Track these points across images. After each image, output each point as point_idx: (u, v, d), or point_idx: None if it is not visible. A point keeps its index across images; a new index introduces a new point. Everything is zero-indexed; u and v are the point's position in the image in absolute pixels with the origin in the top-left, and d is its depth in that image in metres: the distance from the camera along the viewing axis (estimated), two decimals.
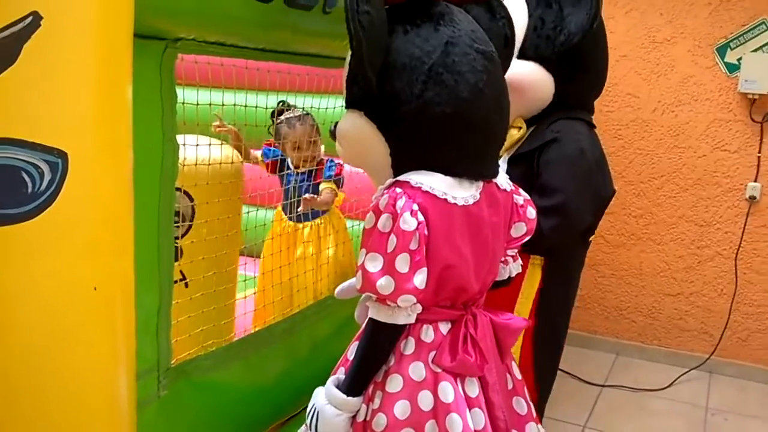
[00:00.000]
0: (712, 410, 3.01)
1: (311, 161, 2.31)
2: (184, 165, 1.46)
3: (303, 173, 2.29)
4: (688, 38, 3.21)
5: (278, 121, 2.31)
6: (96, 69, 0.84)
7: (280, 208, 2.42)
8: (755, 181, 3.17)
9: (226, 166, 1.87)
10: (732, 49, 3.15)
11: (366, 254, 1.22)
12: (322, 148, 2.41)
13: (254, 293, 2.23)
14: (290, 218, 2.35)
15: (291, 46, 1.53)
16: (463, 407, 1.27)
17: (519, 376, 1.47)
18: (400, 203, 1.19)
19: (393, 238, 1.19)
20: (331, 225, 2.38)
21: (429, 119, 1.22)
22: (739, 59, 3.11)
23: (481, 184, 1.31)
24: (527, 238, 1.46)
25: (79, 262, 0.84)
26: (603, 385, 3.18)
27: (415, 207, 1.19)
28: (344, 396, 1.28)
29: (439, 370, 1.28)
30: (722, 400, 3.10)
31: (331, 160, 2.36)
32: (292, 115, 2.29)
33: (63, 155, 0.79)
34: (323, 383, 1.35)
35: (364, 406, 1.30)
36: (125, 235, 0.93)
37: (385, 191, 1.23)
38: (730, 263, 3.25)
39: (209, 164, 1.79)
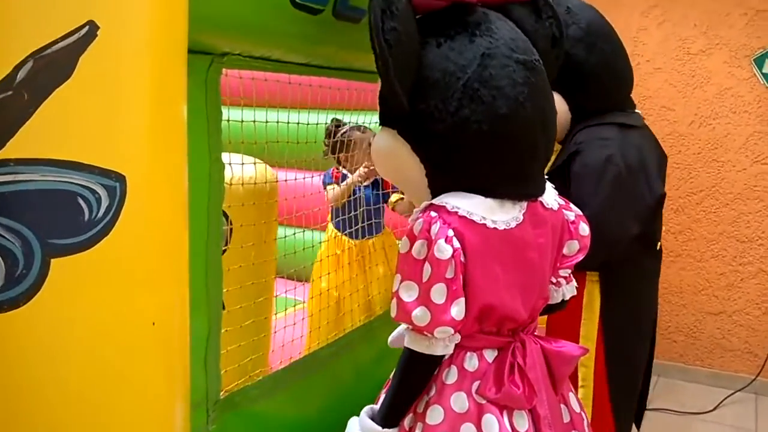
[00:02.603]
0: None
1: (368, 164, 2.27)
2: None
3: (367, 187, 2.25)
4: (723, 49, 3.14)
5: (342, 131, 2.27)
6: (152, 84, 0.77)
7: (333, 228, 2.37)
8: None
9: (262, 185, 1.80)
10: None
11: (401, 282, 1.14)
12: None
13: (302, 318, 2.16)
14: (350, 234, 2.29)
15: (337, 60, 1.46)
16: None
17: (577, 409, 1.37)
18: (434, 229, 1.11)
19: (428, 267, 1.11)
20: (387, 240, 2.38)
21: (465, 138, 1.13)
22: None
23: (524, 204, 1.21)
24: (581, 257, 1.37)
25: (138, 295, 0.76)
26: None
27: (451, 233, 1.10)
28: (379, 428, 1.21)
29: (483, 402, 1.19)
30: None
31: None
32: (352, 125, 2.28)
33: (121, 178, 0.72)
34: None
35: None
36: (182, 264, 0.85)
37: (420, 215, 1.15)
38: None
39: (242, 183, 1.71)
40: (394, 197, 2.36)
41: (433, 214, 1.13)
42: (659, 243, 1.91)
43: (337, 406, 1.68)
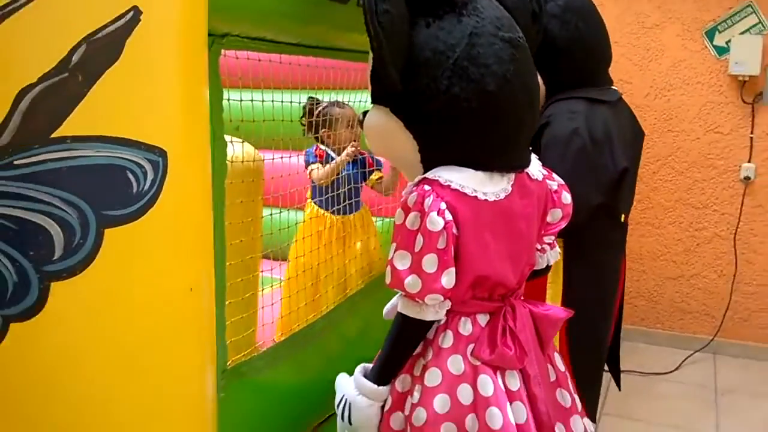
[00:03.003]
0: (721, 390, 3.06)
1: (358, 144, 2.31)
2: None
3: (352, 164, 2.29)
4: (676, 23, 3.27)
5: (324, 107, 2.31)
6: (185, 66, 0.81)
7: (314, 206, 2.40)
8: (749, 161, 3.24)
9: (249, 164, 1.83)
10: (720, 32, 3.21)
11: (395, 251, 1.22)
12: None
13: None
14: (334, 211, 2.34)
15: (326, 40, 1.51)
16: (503, 401, 1.25)
17: (562, 368, 1.46)
18: (428, 202, 1.18)
19: (420, 238, 1.18)
20: (365, 217, 2.46)
21: (456, 115, 1.20)
22: (727, 42, 3.18)
23: (512, 176, 1.29)
24: (564, 224, 1.46)
25: (178, 262, 0.81)
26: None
27: (443, 206, 1.17)
28: (374, 386, 1.28)
29: (478, 363, 1.26)
30: (729, 380, 3.16)
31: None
32: (329, 102, 2.31)
33: (163, 153, 0.76)
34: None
35: (408, 398, 1.30)
36: (209, 235, 0.91)
37: (414, 188, 1.22)
38: (729, 244, 3.32)
39: (231, 161, 1.74)
40: (375, 176, 2.41)
41: (426, 187, 1.19)
42: (624, 216, 2.01)
43: (333, 371, 1.77)
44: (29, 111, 0.67)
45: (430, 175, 1.22)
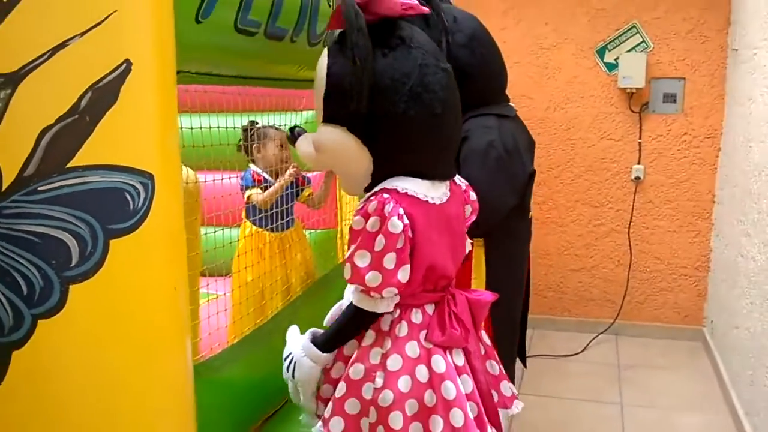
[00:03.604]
0: (623, 366, 3.42)
1: (287, 163, 2.47)
2: None
3: (287, 186, 2.45)
4: (571, 43, 3.62)
5: (259, 128, 2.46)
6: (163, 103, 0.99)
7: (251, 224, 2.55)
8: (638, 163, 3.62)
9: (186, 186, 1.99)
10: (609, 51, 3.59)
11: (355, 250, 1.38)
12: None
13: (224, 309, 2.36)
14: (272, 229, 2.49)
15: (264, 71, 1.69)
16: (454, 375, 1.46)
17: (489, 343, 1.71)
18: (388, 208, 1.36)
19: (381, 239, 1.35)
20: (299, 231, 2.62)
21: (410, 133, 1.40)
22: (616, 59, 3.55)
23: (448, 183, 1.53)
24: (474, 217, 1.70)
25: (165, 265, 0.98)
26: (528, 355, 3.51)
27: (401, 211, 1.36)
28: (319, 352, 1.47)
29: (430, 346, 1.46)
30: (630, 356, 3.53)
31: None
32: (265, 125, 2.48)
33: (151, 177, 0.94)
34: None
35: (367, 384, 1.48)
36: (184, 243, 1.08)
37: (373, 197, 1.40)
38: (624, 237, 3.69)
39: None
40: (306, 191, 2.60)
41: (385, 195, 1.38)
42: (530, 212, 2.30)
43: (280, 370, 1.94)
44: (48, 146, 0.84)
45: (386, 185, 1.42)
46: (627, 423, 2.87)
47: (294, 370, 1.47)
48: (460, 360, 1.51)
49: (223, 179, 2.13)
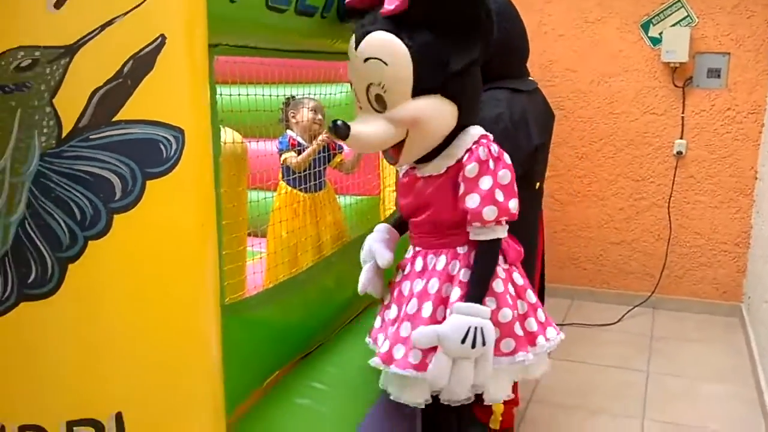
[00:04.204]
0: (656, 338, 3.50)
1: (320, 127, 2.70)
2: None
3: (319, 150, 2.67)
4: (615, 17, 3.67)
5: (295, 101, 2.70)
6: (192, 70, 1.19)
7: (285, 185, 2.79)
8: (681, 138, 3.65)
9: (235, 145, 2.21)
10: (654, 25, 3.62)
11: (489, 191, 1.62)
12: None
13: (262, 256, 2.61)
14: (304, 189, 2.73)
15: (297, 45, 1.89)
16: (528, 284, 1.83)
17: None
18: (494, 148, 1.66)
19: (506, 172, 1.65)
20: (330, 194, 2.85)
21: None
22: (660, 33, 3.58)
23: None
24: None
25: (194, 203, 1.20)
26: (562, 324, 3.64)
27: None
28: (485, 307, 1.63)
29: (506, 266, 1.76)
30: (664, 329, 3.60)
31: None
32: (309, 100, 2.72)
33: (181, 131, 1.14)
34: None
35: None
36: (212, 187, 1.29)
37: (475, 146, 1.66)
38: (664, 211, 3.74)
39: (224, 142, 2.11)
40: (337, 158, 2.81)
41: (484, 141, 1.68)
42: (538, 183, 2.41)
43: (312, 316, 2.16)
44: (98, 104, 1.05)
45: (474, 133, 1.70)
46: (651, 389, 2.97)
47: (483, 337, 1.60)
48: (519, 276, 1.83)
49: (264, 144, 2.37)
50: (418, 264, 1.78)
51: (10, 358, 1.08)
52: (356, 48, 1.61)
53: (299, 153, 2.67)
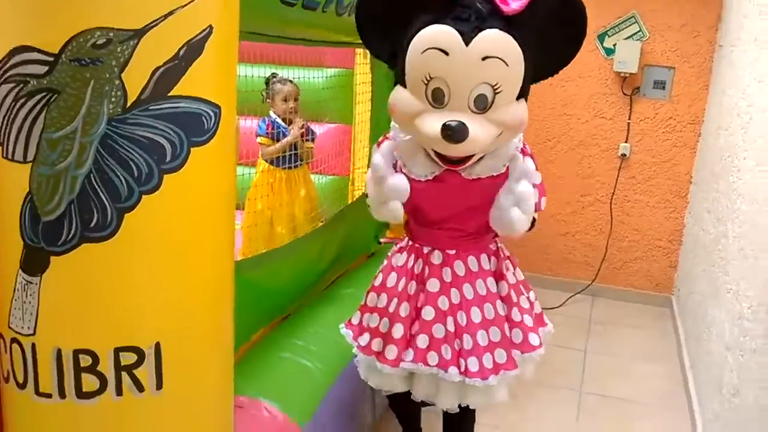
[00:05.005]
0: (594, 322, 3.84)
1: (294, 114, 2.92)
2: None
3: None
4: None
5: (273, 81, 2.91)
6: (229, 56, 1.40)
7: (265, 162, 3.00)
8: (626, 142, 3.99)
9: None
10: (609, 37, 3.93)
11: (540, 184, 1.77)
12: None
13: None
14: (286, 167, 2.95)
15: (302, 34, 2.11)
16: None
17: None
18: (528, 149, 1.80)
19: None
20: (305, 172, 3.08)
21: None
22: (614, 45, 3.89)
23: None
24: None
25: (224, 167, 1.40)
26: None
27: None
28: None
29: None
30: (602, 314, 3.95)
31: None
32: (281, 77, 2.91)
33: (219, 107, 1.34)
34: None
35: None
36: (235, 156, 1.50)
37: (521, 145, 1.78)
38: (607, 208, 4.08)
39: None
40: (308, 144, 3.07)
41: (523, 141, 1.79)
42: None
43: (298, 282, 2.38)
44: (158, 80, 1.24)
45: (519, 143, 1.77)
46: (588, 366, 3.30)
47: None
48: None
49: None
50: (459, 268, 1.79)
51: (69, 291, 1.27)
52: (467, 44, 1.50)
53: (275, 138, 2.90)
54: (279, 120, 2.96)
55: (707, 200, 3.27)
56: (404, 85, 1.62)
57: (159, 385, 1.32)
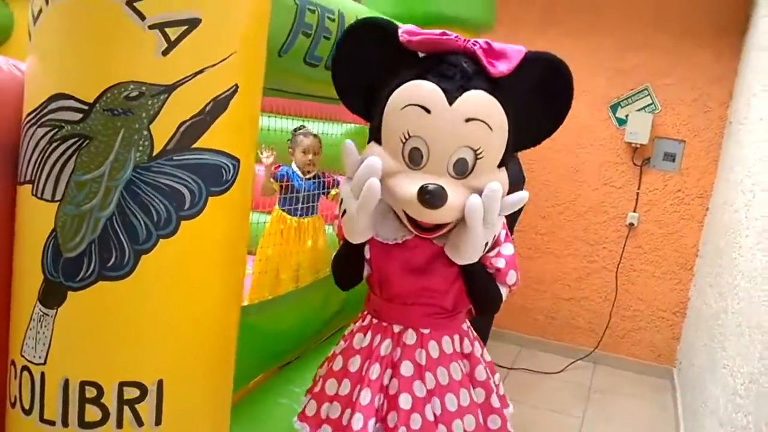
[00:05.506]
0: (594, 389, 3.83)
1: (313, 167, 3.02)
2: None
3: (314, 182, 2.99)
4: (588, 96, 4.08)
5: (297, 133, 3.03)
6: (252, 113, 1.49)
7: (279, 210, 3.10)
8: (634, 211, 4.05)
9: None
10: (622, 107, 4.03)
11: (510, 255, 1.60)
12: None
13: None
14: (297, 216, 3.05)
15: (309, 90, 2.22)
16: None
17: None
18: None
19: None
20: (318, 222, 3.16)
21: None
22: (626, 116, 3.99)
23: None
24: None
25: (239, 221, 1.48)
26: (510, 368, 3.95)
27: None
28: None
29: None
30: (602, 382, 3.94)
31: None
32: (306, 131, 3.04)
33: (238, 160, 1.43)
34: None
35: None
36: (249, 206, 1.58)
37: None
38: (612, 275, 4.11)
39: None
40: (334, 191, 3.13)
41: None
42: None
43: (300, 330, 2.43)
44: (183, 133, 1.33)
45: None
46: None
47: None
48: None
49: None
50: (433, 350, 1.60)
51: (81, 325, 1.34)
52: (450, 103, 1.39)
53: (286, 189, 3.01)
54: (297, 170, 3.07)
55: (711, 274, 3.31)
56: (379, 142, 1.50)
57: (158, 421, 1.37)
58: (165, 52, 1.30)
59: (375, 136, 1.53)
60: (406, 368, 1.57)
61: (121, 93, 1.30)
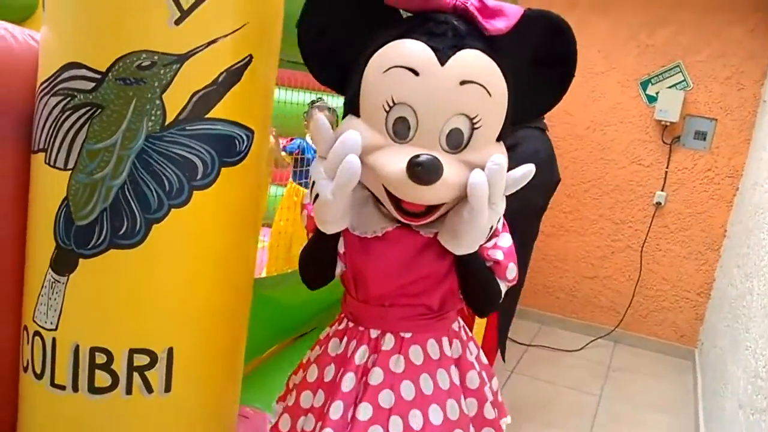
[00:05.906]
0: (613, 368, 3.81)
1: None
2: None
3: None
4: (618, 72, 3.99)
5: (313, 106, 3.03)
6: (266, 84, 1.48)
7: (293, 183, 3.13)
8: (662, 190, 3.97)
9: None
10: (652, 84, 3.94)
11: (509, 247, 1.41)
12: None
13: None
14: (302, 184, 3.07)
15: None
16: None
17: None
18: None
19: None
20: None
21: None
22: (657, 93, 3.91)
23: None
24: None
25: (253, 191, 1.48)
26: (529, 345, 3.94)
27: None
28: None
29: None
30: (621, 361, 3.92)
31: None
32: (322, 104, 3.03)
33: (252, 131, 1.42)
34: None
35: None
36: (266, 178, 1.58)
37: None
38: (637, 255, 4.06)
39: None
40: None
41: None
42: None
43: (312, 304, 2.44)
44: (196, 103, 1.33)
45: None
46: (600, 412, 3.27)
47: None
48: None
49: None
50: (416, 355, 1.38)
51: (92, 292, 1.35)
52: (442, 64, 1.17)
53: (300, 162, 3.03)
54: (310, 143, 3.09)
55: (738, 255, 3.24)
56: (357, 114, 1.26)
57: (168, 388, 1.39)
58: (178, 22, 1.29)
59: (352, 108, 1.28)
60: (375, 376, 1.36)
61: (134, 62, 1.30)
